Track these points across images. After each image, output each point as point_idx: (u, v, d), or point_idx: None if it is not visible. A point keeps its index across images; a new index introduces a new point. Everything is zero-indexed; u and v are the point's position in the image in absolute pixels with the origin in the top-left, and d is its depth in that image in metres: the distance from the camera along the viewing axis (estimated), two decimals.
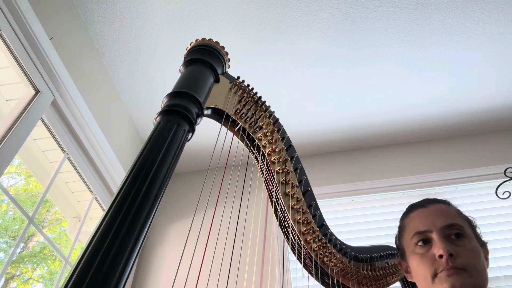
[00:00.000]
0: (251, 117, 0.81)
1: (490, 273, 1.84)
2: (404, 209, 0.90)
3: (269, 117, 0.85)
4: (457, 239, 0.74)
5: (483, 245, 0.80)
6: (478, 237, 0.80)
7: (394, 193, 2.22)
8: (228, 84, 0.79)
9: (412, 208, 0.86)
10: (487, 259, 0.79)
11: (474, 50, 1.98)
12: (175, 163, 0.56)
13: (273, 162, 0.84)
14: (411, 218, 0.84)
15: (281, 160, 0.85)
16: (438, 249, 0.73)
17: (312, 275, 0.85)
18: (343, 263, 0.89)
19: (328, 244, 0.87)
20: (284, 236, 0.86)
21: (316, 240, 0.85)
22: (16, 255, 1.73)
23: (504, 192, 2.03)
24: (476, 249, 0.75)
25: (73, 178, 1.91)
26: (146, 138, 0.58)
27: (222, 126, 0.78)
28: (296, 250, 0.84)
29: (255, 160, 0.84)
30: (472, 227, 0.81)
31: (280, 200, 0.82)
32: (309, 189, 0.87)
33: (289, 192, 0.83)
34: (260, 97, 0.85)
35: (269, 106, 0.88)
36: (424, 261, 0.75)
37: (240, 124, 0.78)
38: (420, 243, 0.78)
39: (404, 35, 1.91)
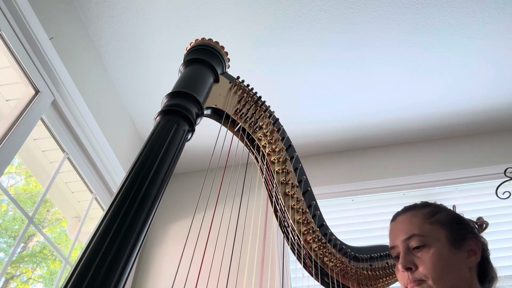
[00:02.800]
0: (251, 117, 0.81)
1: None
2: (400, 209, 0.89)
3: (269, 117, 0.85)
4: (417, 250, 0.76)
5: (462, 242, 0.76)
6: (455, 236, 0.76)
7: (394, 193, 2.22)
8: (228, 84, 0.79)
9: (391, 220, 0.88)
10: (470, 256, 0.76)
11: (474, 50, 1.98)
12: (175, 163, 0.56)
13: (273, 162, 0.84)
14: (388, 231, 0.86)
15: (281, 160, 0.85)
16: (399, 264, 0.76)
17: (312, 275, 0.85)
18: (343, 263, 0.89)
19: (328, 244, 0.87)
20: (284, 236, 0.86)
21: (316, 240, 0.85)
22: (16, 255, 1.73)
23: (504, 192, 2.03)
24: (439, 255, 0.73)
25: (73, 178, 1.91)
26: (145, 138, 0.58)
27: (222, 126, 0.78)
28: (296, 250, 0.84)
29: (255, 160, 0.84)
30: (449, 227, 0.77)
31: (280, 200, 0.82)
32: (309, 189, 0.87)
33: (289, 192, 0.83)
34: (260, 97, 0.85)
35: (269, 106, 0.87)
36: (399, 276, 0.79)
37: (240, 124, 0.78)
38: (396, 258, 0.81)
39: (404, 35, 1.91)
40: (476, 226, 0.85)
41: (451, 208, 0.86)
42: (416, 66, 2.05)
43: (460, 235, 0.77)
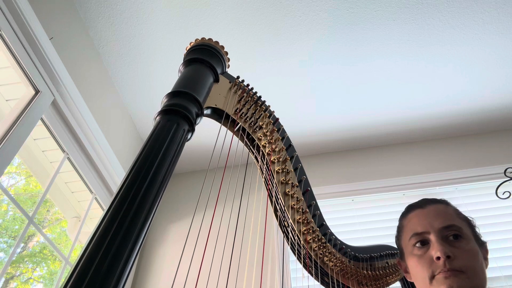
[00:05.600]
0: (250, 116, 0.81)
1: (490, 273, 1.85)
2: (404, 209, 0.90)
3: (268, 117, 0.85)
4: (454, 240, 0.74)
5: (482, 245, 0.80)
6: (477, 237, 0.80)
7: (394, 193, 2.22)
8: (227, 83, 0.79)
9: (410, 208, 0.86)
10: (486, 259, 0.79)
11: (474, 51, 1.98)
12: (175, 162, 0.56)
13: (272, 162, 0.84)
14: (409, 219, 0.83)
15: (280, 159, 0.85)
16: (435, 251, 0.73)
17: (312, 275, 0.85)
18: (343, 263, 0.89)
19: (328, 244, 0.87)
20: (284, 236, 0.86)
21: (316, 239, 0.85)
22: (16, 255, 1.73)
23: (504, 192, 2.03)
24: (474, 250, 0.74)
25: (73, 178, 1.91)
26: (145, 138, 0.58)
27: (222, 125, 0.78)
28: (296, 250, 0.84)
29: (254, 160, 0.84)
30: (471, 227, 0.81)
31: (280, 200, 0.82)
32: (309, 189, 0.87)
33: (288, 191, 0.83)
34: (260, 97, 0.85)
35: (269, 106, 0.87)
36: (422, 263, 0.75)
37: (240, 123, 0.78)
38: (418, 245, 0.78)
39: (404, 35, 1.91)
40: None
41: None
42: (416, 66, 2.05)
43: (479, 237, 0.80)
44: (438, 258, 0.72)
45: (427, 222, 0.78)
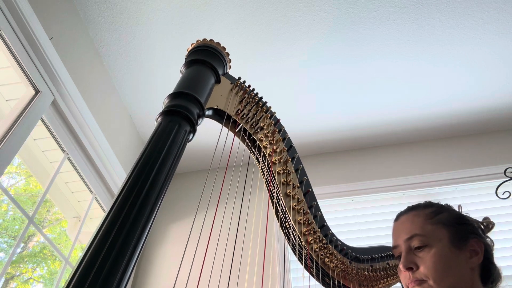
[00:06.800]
0: (252, 117, 0.81)
1: None
2: (404, 209, 0.90)
3: (270, 118, 0.85)
4: (418, 249, 0.76)
5: (465, 242, 0.76)
6: (456, 237, 0.76)
7: (394, 193, 2.22)
8: (229, 84, 0.79)
9: (394, 220, 0.88)
10: (474, 255, 0.76)
11: (473, 51, 1.98)
12: (177, 163, 0.56)
13: (274, 163, 0.84)
14: (391, 231, 0.87)
15: (282, 160, 0.85)
16: (400, 264, 0.77)
17: (313, 276, 0.85)
18: (344, 264, 0.89)
19: (329, 245, 0.87)
20: (285, 237, 0.86)
21: (317, 241, 0.85)
22: (16, 255, 1.72)
23: (504, 192, 2.03)
24: (440, 255, 0.74)
25: (73, 178, 1.91)
26: (146, 138, 0.58)
27: (223, 126, 0.78)
28: (297, 251, 0.84)
29: (256, 161, 0.84)
30: (450, 228, 0.78)
31: (281, 201, 0.82)
32: (310, 190, 0.87)
33: (290, 193, 0.83)
34: (261, 98, 0.85)
35: (270, 107, 0.87)
36: (401, 275, 0.80)
37: (241, 124, 0.78)
38: (397, 258, 0.82)
39: (404, 35, 1.91)
40: (482, 226, 0.84)
41: (457, 208, 0.86)
42: (416, 66, 2.05)
43: (462, 235, 0.77)
44: (405, 271, 0.76)
45: (397, 235, 0.82)
